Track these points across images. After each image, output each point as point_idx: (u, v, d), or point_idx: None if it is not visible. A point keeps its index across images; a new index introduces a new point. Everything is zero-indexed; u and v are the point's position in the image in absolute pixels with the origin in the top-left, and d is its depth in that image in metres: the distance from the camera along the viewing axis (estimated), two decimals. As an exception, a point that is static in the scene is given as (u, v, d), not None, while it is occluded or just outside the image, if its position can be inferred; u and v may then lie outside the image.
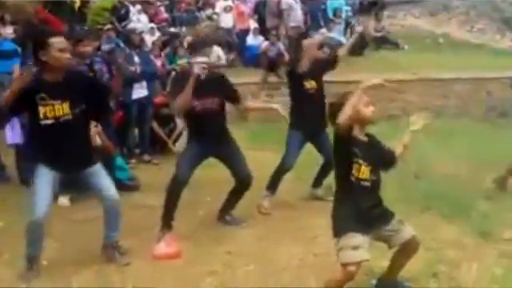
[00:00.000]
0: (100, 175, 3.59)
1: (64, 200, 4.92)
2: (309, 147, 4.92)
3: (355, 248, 2.86)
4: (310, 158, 5.05)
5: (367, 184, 2.98)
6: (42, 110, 3.35)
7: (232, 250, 3.95)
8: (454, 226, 4.31)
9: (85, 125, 3.60)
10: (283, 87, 5.27)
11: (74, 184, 4.46)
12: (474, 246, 3.94)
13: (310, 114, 4.66)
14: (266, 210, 4.75)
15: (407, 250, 3.07)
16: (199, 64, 4.06)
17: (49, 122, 3.36)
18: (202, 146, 4.16)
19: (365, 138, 3.04)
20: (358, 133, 3.01)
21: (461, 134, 7.75)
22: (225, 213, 4.50)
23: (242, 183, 4.30)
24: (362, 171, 2.96)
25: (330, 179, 4.04)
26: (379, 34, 12.89)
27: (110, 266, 3.71)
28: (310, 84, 4.72)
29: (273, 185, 4.85)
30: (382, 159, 3.11)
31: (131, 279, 3.54)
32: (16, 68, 4.97)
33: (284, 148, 4.87)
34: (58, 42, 3.32)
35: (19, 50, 5.89)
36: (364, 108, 2.97)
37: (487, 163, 5.99)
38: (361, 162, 2.95)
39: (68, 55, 3.39)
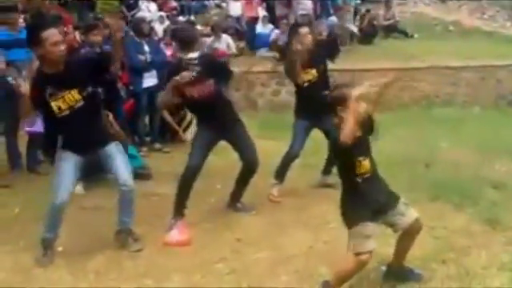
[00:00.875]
0: (117, 159, 3.63)
1: (79, 188, 4.99)
2: (317, 134, 4.94)
3: (368, 237, 2.91)
4: (318, 144, 5.07)
5: (369, 175, 3.02)
6: (55, 104, 3.42)
7: (242, 237, 4.00)
8: (462, 213, 4.33)
9: (97, 105, 3.68)
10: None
11: (85, 172, 4.55)
12: (482, 233, 3.96)
13: (312, 104, 4.66)
14: (275, 198, 4.80)
15: (411, 232, 3.10)
16: (190, 60, 4.07)
17: (65, 113, 3.45)
18: (210, 131, 4.18)
19: (359, 133, 2.99)
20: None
21: (470, 122, 7.73)
22: (235, 200, 4.54)
23: (249, 168, 4.34)
24: (363, 166, 3.00)
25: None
26: (389, 22, 12.81)
27: (122, 252, 3.78)
28: (309, 75, 4.69)
29: (281, 173, 4.88)
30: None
31: (143, 265, 3.61)
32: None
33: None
34: (50, 35, 3.33)
35: None
36: (356, 104, 2.91)
37: (496, 152, 6.00)
38: (360, 158, 2.99)
39: (62, 47, 3.38)
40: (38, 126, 5.12)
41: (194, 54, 4.13)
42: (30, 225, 4.19)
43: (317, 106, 4.59)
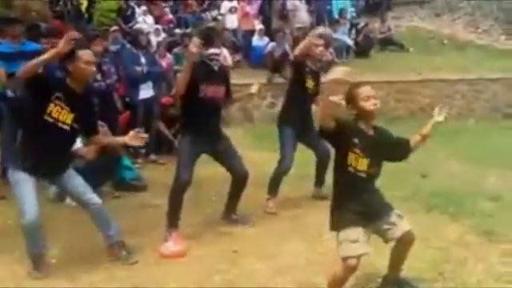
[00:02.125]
0: (75, 181, 3.65)
1: (71, 200, 4.95)
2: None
3: (354, 241, 2.89)
4: (313, 155, 5.08)
5: (363, 176, 3.01)
6: (50, 106, 3.44)
7: (238, 249, 3.98)
8: (458, 225, 4.34)
9: (74, 141, 3.81)
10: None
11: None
12: (478, 244, 3.96)
13: (301, 113, 4.75)
14: (271, 209, 4.79)
15: (403, 243, 3.09)
16: (212, 55, 4.13)
17: (50, 120, 3.45)
18: (198, 142, 4.13)
19: (370, 132, 3.08)
20: (363, 126, 3.06)
21: (465, 135, 7.77)
22: (229, 212, 4.52)
23: (239, 180, 4.34)
24: (360, 162, 2.99)
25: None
26: (384, 35, 12.90)
27: (117, 263, 3.75)
28: (309, 84, 4.77)
29: (273, 187, 4.87)
30: (393, 151, 3.16)
31: (138, 277, 3.58)
32: None
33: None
34: (86, 54, 3.54)
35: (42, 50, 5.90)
36: (364, 102, 3.02)
37: (491, 163, 6.02)
38: (358, 152, 2.98)
39: (93, 68, 3.60)
40: None
41: (215, 50, 4.18)
42: (24, 236, 4.16)
43: (304, 115, 4.73)
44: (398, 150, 3.21)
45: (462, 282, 3.39)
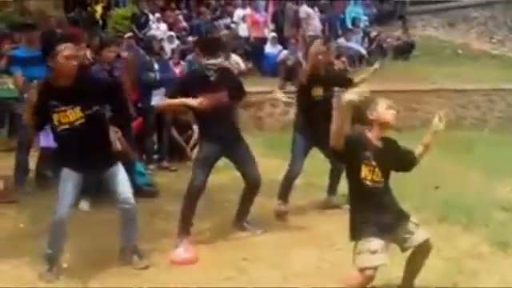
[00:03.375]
0: (118, 177, 3.63)
1: (84, 205, 4.98)
2: (319, 153, 4.95)
3: (373, 252, 2.88)
4: (324, 164, 5.06)
5: (381, 186, 3.02)
6: (55, 117, 3.42)
7: (248, 256, 3.96)
8: (472, 235, 4.29)
9: (101, 126, 3.63)
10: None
11: (92, 188, 4.56)
12: (491, 255, 3.92)
13: (314, 121, 4.68)
14: (283, 216, 4.77)
15: (420, 253, 3.06)
16: (210, 65, 4.11)
17: (65, 127, 3.44)
18: (213, 146, 4.15)
19: (379, 143, 3.07)
20: (373, 137, 3.06)
21: (479, 145, 7.69)
22: (240, 219, 4.51)
23: (252, 185, 4.31)
24: (376, 173, 3.00)
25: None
26: (401, 42, 12.84)
27: (128, 269, 3.75)
28: (317, 91, 4.72)
29: (284, 193, 4.86)
30: (400, 161, 3.16)
31: (148, 283, 3.58)
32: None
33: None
34: (66, 49, 3.37)
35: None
36: (385, 111, 3.03)
37: (505, 174, 5.95)
38: (373, 163, 2.99)
39: (75, 62, 3.41)
40: (53, 142, 5.13)
41: (215, 60, 4.16)
42: (35, 240, 4.17)
43: (318, 123, 4.62)
44: (405, 160, 3.20)
45: (475, 294, 3.34)
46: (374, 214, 2.97)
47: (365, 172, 2.98)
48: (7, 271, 3.72)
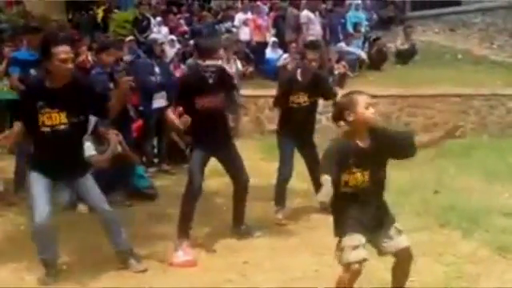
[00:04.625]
0: (91, 187, 3.62)
1: (82, 207, 4.97)
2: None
3: (356, 247, 2.86)
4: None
5: (366, 186, 2.92)
6: (40, 117, 3.40)
7: (248, 260, 3.96)
8: (471, 240, 4.27)
9: (81, 135, 3.64)
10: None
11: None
12: (491, 260, 3.90)
13: (297, 125, 4.76)
14: (281, 221, 4.77)
15: (400, 260, 3.01)
16: (208, 67, 4.12)
17: (46, 129, 3.41)
18: (204, 147, 4.19)
19: (366, 143, 2.92)
20: (357, 139, 2.92)
21: (479, 150, 7.68)
22: (237, 223, 4.48)
23: (239, 186, 4.31)
24: (360, 179, 2.90)
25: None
26: (405, 48, 12.84)
27: (126, 272, 3.74)
28: (300, 98, 4.72)
29: (279, 198, 4.87)
30: (396, 149, 2.99)
31: (148, 286, 3.57)
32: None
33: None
34: (60, 51, 3.34)
35: None
36: (364, 110, 2.89)
37: (505, 179, 5.95)
38: (356, 170, 2.89)
39: (70, 65, 3.40)
40: None
41: (211, 62, 4.15)
42: (33, 243, 4.17)
43: (300, 127, 4.76)
44: (403, 148, 3.00)
45: (475, 299, 3.34)
46: (356, 212, 2.92)
47: (348, 179, 2.89)
48: (6, 274, 3.73)
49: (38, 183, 3.47)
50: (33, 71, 5.22)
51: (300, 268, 3.78)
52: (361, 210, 2.93)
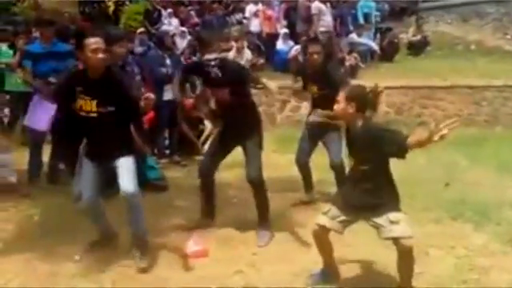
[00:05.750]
0: (124, 169, 3.65)
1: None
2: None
3: (324, 213, 3.28)
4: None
5: (355, 173, 3.26)
6: (78, 102, 3.61)
7: (258, 251, 3.98)
8: (483, 233, 4.26)
9: (113, 124, 3.64)
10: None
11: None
12: (502, 253, 3.89)
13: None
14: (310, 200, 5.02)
15: (398, 252, 3.08)
16: (208, 61, 4.11)
17: (83, 114, 3.62)
18: (224, 134, 4.30)
19: (358, 129, 3.19)
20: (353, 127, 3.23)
21: (492, 142, 7.62)
22: (258, 219, 4.35)
23: (248, 181, 4.25)
24: (353, 160, 3.30)
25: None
26: (417, 39, 12.73)
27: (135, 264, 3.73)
28: (312, 89, 4.86)
29: (305, 184, 5.06)
30: (384, 149, 3.06)
31: (159, 276, 3.60)
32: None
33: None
34: (91, 43, 3.51)
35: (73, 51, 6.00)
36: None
37: (518, 171, 5.91)
38: (350, 155, 3.33)
39: (100, 55, 3.53)
40: (40, 124, 5.14)
41: (211, 56, 4.12)
42: (47, 234, 4.24)
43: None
44: (390, 146, 3.04)
45: (486, 292, 3.33)
46: (349, 191, 3.29)
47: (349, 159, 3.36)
48: (19, 264, 3.77)
49: (84, 169, 3.72)
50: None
51: (310, 260, 3.77)
52: (354, 191, 3.25)
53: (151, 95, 3.59)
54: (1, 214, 4.74)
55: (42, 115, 5.07)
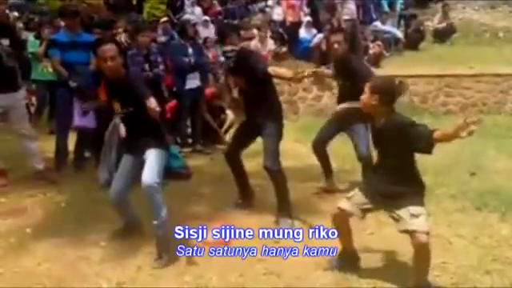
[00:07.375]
0: (149, 161, 3.70)
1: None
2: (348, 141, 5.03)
3: (348, 198, 3.32)
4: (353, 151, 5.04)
5: (380, 165, 3.30)
6: (112, 101, 3.82)
7: (279, 240, 3.99)
8: (508, 224, 4.20)
9: (139, 121, 3.72)
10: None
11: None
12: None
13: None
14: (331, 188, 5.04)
15: (413, 245, 3.04)
16: (227, 52, 4.30)
17: (116, 112, 3.83)
18: (244, 123, 4.52)
19: (380, 124, 3.18)
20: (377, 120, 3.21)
21: (519, 131, 7.49)
22: (278, 209, 4.38)
23: (266, 169, 4.27)
24: (376, 155, 3.38)
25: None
26: (443, 26, 12.50)
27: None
28: (337, 80, 4.92)
29: (324, 169, 5.07)
30: (407, 142, 3.04)
31: (182, 263, 3.65)
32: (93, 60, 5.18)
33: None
34: (102, 51, 3.63)
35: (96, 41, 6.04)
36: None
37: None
38: (375, 147, 3.37)
39: (110, 63, 3.61)
40: (89, 122, 5.25)
41: (227, 47, 4.31)
42: (74, 220, 4.33)
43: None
44: (416, 142, 3.01)
45: (509, 282, 3.29)
46: (374, 181, 3.29)
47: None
48: (48, 249, 3.87)
49: (122, 162, 3.89)
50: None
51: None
52: (376, 182, 3.27)
53: (156, 108, 3.50)
54: (30, 200, 4.86)
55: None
